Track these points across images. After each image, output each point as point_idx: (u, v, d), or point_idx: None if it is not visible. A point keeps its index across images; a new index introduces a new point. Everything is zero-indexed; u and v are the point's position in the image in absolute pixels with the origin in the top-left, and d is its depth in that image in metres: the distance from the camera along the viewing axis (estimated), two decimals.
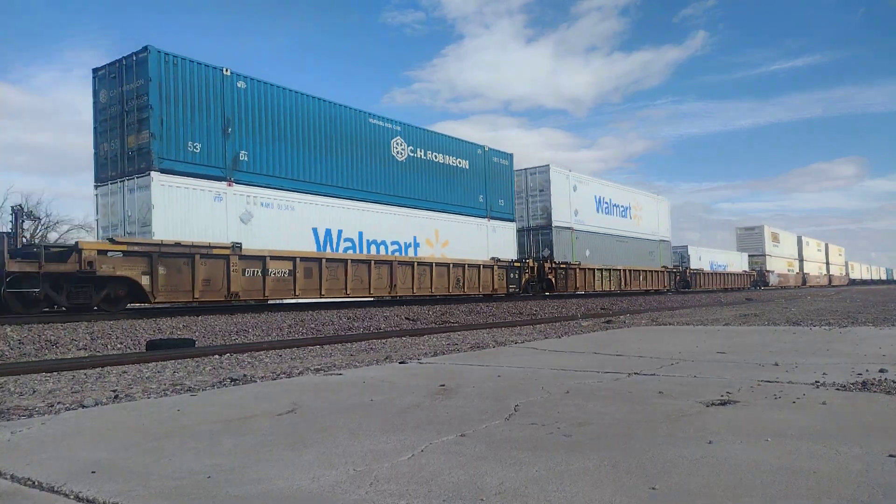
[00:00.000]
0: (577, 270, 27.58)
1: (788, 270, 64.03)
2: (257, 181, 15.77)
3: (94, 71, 15.08)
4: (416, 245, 20.52)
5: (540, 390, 4.18)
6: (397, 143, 20.17)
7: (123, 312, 13.01)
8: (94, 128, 15.01)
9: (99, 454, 2.83)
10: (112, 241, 12.91)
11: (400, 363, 6.14)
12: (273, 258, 15.28)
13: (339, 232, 18.04)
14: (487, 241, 23.35)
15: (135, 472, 2.52)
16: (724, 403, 3.58)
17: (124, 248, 12.77)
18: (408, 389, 4.38)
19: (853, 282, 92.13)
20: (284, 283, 15.60)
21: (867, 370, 4.62)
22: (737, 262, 53.82)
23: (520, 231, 26.35)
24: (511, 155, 25.26)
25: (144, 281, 12.96)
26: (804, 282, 67.48)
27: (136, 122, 13.97)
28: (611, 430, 3.02)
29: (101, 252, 12.48)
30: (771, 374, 4.60)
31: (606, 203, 31.82)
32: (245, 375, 5.80)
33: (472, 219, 22.79)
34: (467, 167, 22.85)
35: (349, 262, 17.27)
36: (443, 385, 4.49)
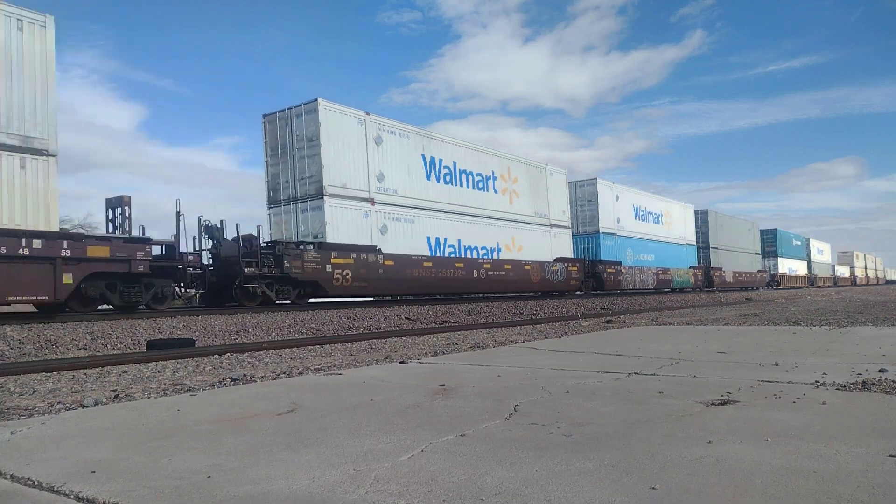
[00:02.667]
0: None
1: (861, 275, 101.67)
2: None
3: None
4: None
5: (540, 390, 4.18)
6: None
7: (123, 313, 13.07)
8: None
9: (99, 454, 2.83)
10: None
11: (400, 363, 6.14)
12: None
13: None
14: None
15: (135, 472, 2.52)
16: (724, 403, 3.58)
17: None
18: (408, 389, 4.38)
19: (888, 281, 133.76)
20: None
21: (867, 370, 4.62)
22: (846, 271, 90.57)
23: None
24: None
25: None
26: (867, 282, 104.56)
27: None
28: (611, 430, 3.02)
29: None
30: (771, 374, 4.60)
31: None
32: (245, 375, 5.80)
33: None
34: None
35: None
36: (443, 385, 4.50)
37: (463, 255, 22.10)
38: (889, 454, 2.48)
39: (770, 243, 56.07)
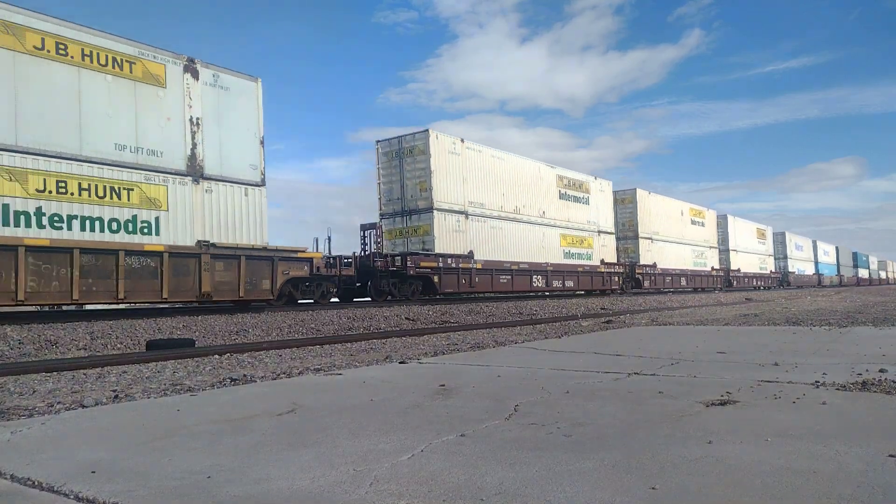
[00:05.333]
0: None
1: (891, 277, 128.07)
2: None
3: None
4: None
5: (540, 390, 4.18)
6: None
7: (123, 313, 13.09)
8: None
9: (99, 454, 2.83)
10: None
11: (400, 363, 6.14)
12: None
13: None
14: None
15: (135, 472, 2.52)
16: (724, 403, 3.58)
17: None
18: (408, 389, 4.38)
19: None
20: None
21: (867, 370, 4.62)
22: (884, 274, 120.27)
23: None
24: None
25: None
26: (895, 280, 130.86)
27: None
28: (611, 430, 3.02)
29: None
30: (771, 374, 4.60)
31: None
32: (245, 375, 5.80)
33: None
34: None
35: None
36: (443, 385, 4.50)
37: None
38: (889, 454, 2.48)
39: (854, 258, 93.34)
